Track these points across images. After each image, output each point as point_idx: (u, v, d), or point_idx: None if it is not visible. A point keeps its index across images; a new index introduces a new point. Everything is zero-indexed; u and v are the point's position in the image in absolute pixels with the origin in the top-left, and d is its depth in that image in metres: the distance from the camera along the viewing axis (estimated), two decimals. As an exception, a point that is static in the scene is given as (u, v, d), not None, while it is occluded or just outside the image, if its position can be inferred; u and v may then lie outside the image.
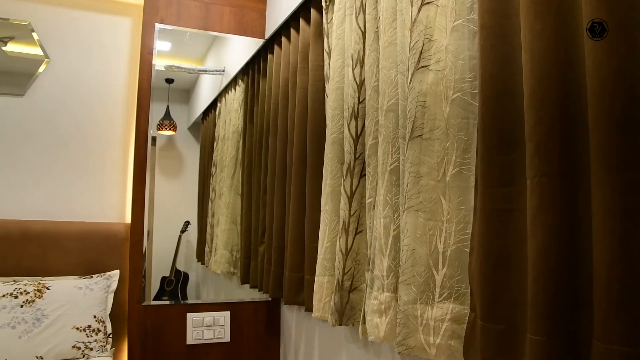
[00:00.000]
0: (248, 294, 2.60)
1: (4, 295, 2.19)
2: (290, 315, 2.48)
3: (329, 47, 1.90)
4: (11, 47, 2.54)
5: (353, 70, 1.66)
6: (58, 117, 2.57)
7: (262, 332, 2.62)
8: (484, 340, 1.03)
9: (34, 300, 2.19)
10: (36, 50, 2.55)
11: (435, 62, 1.26)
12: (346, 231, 1.62)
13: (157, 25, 2.57)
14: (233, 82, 2.71)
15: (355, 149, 1.63)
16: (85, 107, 2.61)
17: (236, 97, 2.70)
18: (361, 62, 1.63)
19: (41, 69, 2.55)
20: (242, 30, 2.73)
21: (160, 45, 2.58)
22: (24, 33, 2.55)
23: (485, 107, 1.06)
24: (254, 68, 2.66)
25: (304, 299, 1.99)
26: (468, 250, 1.16)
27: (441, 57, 1.25)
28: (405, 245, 1.26)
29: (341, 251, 1.62)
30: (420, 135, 1.27)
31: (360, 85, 1.63)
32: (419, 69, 1.27)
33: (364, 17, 1.63)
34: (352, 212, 1.62)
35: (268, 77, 2.49)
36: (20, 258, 2.37)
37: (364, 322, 1.51)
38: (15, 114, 2.52)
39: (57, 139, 2.57)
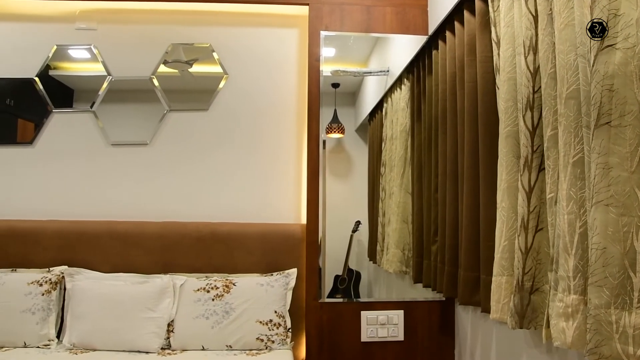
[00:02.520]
0: (421, 293, 2.60)
1: (198, 290, 2.46)
2: (465, 316, 2.43)
3: (497, 36, 1.83)
4: (196, 68, 2.86)
5: (525, 58, 1.58)
6: (237, 127, 2.84)
7: (436, 332, 2.60)
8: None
9: (223, 295, 2.43)
10: (217, 69, 2.84)
11: (623, 40, 1.15)
12: (525, 229, 1.55)
13: (323, 33, 2.69)
14: (398, 82, 2.73)
15: (532, 142, 1.55)
16: (260, 116, 2.85)
17: (402, 96, 2.72)
18: (534, 48, 1.55)
19: (221, 84, 2.83)
20: (405, 28, 2.74)
21: (326, 51, 2.70)
22: (206, 54, 2.85)
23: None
24: (418, 65, 2.66)
25: (480, 300, 1.94)
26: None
27: (630, 32, 1.14)
28: (595, 243, 1.17)
29: (520, 250, 1.56)
30: (607, 123, 1.17)
31: (535, 73, 1.55)
32: (603, 49, 1.17)
33: (535, 1, 1.55)
34: (531, 209, 1.54)
35: (434, 73, 2.47)
36: (211, 256, 2.65)
37: (548, 326, 1.43)
38: (201, 127, 2.84)
39: (238, 148, 2.83)
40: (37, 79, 2.87)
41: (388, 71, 2.76)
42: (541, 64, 1.50)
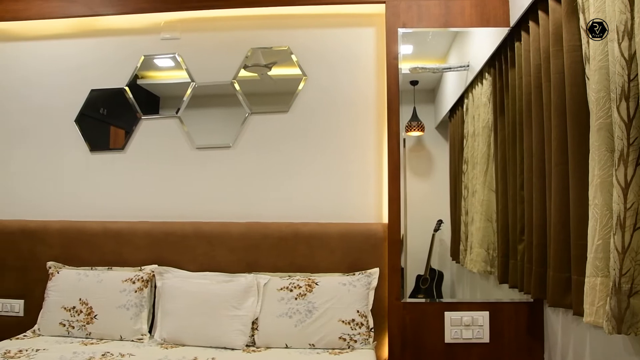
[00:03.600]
0: (507, 294, 2.52)
1: (281, 289, 2.51)
2: (555, 319, 2.33)
3: (586, 23, 1.74)
4: (275, 71, 2.92)
5: (619, 44, 1.49)
6: (317, 127, 2.88)
7: (524, 335, 2.52)
8: None
9: (305, 294, 2.47)
10: (295, 71, 2.89)
11: None
12: (622, 227, 1.46)
13: (400, 30, 2.68)
14: (479, 76, 2.67)
15: (629, 134, 1.47)
16: (340, 116, 2.87)
17: (483, 91, 2.65)
18: (629, 33, 1.46)
19: (300, 86, 2.87)
20: (485, 21, 2.68)
21: (404, 48, 2.68)
22: (284, 57, 2.91)
23: None
24: (500, 59, 2.58)
25: (571, 302, 1.86)
26: None
27: None
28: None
29: (617, 249, 1.47)
30: None
31: (630, 60, 1.46)
32: None
33: (630, -18, 1.46)
34: (628, 206, 1.46)
35: (517, 66, 2.39)
36: (293, 256, 2.70)
37: (651, 331, 1.35)
38: (282, 129, 2.90)
39: (318, 148, 2.87)
40: (127, 88, 3.05)
41: (468, 66, 2.70)
42: (637, 50, 1.41)
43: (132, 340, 2.56)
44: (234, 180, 2.91)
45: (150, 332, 2.63)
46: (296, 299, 2.47)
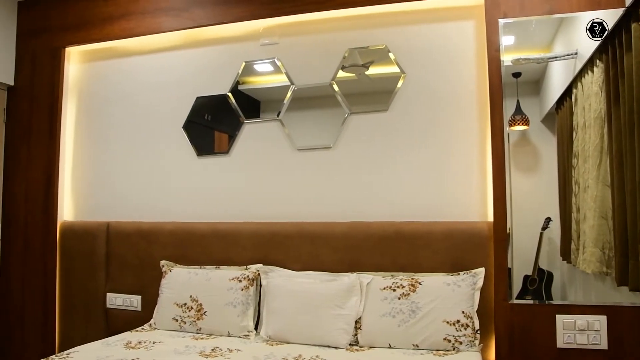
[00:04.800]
0: (627, 297, 2.36)
1: (384, 288, 2.52)
2: (684, 325, 2.15)
3: None
4: (372, 71, 2.93)
5: None
6: (418, 125, 2.85)
7: (648, 343, 2.33)
8: None
9: (409, 294, 2.46)
10: (393, 69, 2.88)
11: None
12: None
13: (501, 21, 2.59)
14: (589, 64, 2.51)
15: None
16: (440, 112, 2.83)
17: (594, 79, 2.50)
18: None
19: (399, 84, 2.86)
20: (595, 3, 2.51)
21: (505, 40, 2.59)
22: (381, 55, 2.91)
23: None
24: (614, 43, 2.41)
25: None
26: None
27: None
28: None
29: None
30: None
31: None
32: None
33: None
34: None
35: (634, 49, 2.22)
36: (396, 255, 2.70)
37: None
38: (382, 128, 2.91)
39: (419, 146, 2.84)
40: (229, 94, 3.19)
41: (576, 54, 2.55)
42: None
43: (239, 337, 2.67)
44: (335, 181, 2.96)
45: (256, 329, 2.73)
46: (399, 298, 2.47)
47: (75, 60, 3.69)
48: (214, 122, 3.29)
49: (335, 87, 2.96)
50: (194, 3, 3.24)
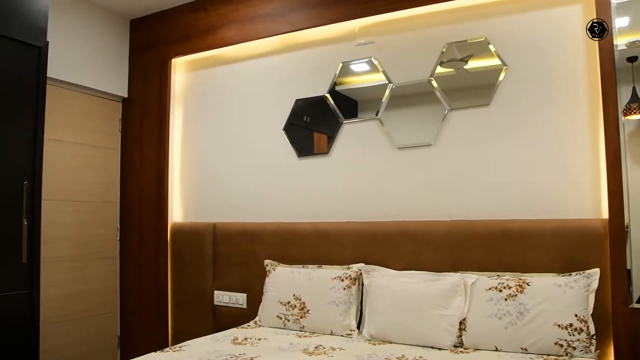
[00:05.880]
0: None
1: (490, 289, 2.44)
2: None
3: None
4: (471, 64, 2.85)
5: None
6: (522, 118, 2.72)
7: None
8: None
9: (516, 295, 2.37)
10: (494, 61, 2.78)
11: None
12: None
13: (614, 1, 2.42)
14: None
15: None
16: (546, 104, 2.68)
17: None
18: None
19: (501, 77, 2.76)
20: None
21: (619, 22, 2.42)
22: (480, 48, 2.82)
23: None
24: None
25: None
26: None
27: None
28: None
29: None
30: None
31: None
32: None
33: None
34: None
35: None
36: (501, 255, 2.61)
37: None
38: (484, 123, 2.81)
39: (523, 140, 2.72)
40: (328, 95, 3.24)
41: (702, 34, 2.34)
42: None
43: (342, 335, 2.70)
44: (436, 178, 2.91)
45: (358, 328, 2.75)
46: (506, 299, 2.38)
47: (181, 70, 3.92)
48: (313, 124, 3.35)
49: (434, 83, 2.91)
50: (290, 8, 3.33)
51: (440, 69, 2.91)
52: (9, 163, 2.67)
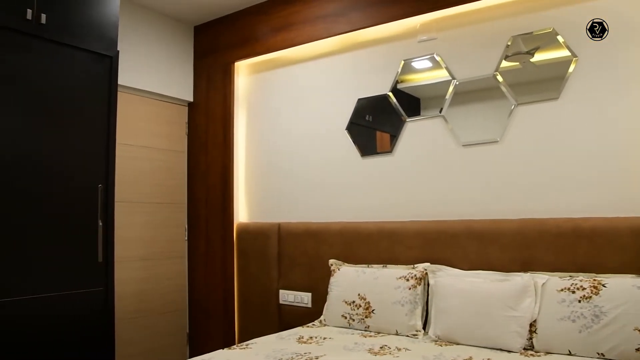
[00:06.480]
0: None
1: (562, 290, 2.35)
2: None
3: None
4: (538, 57, 2.75)
5: None
6: (595, 111, 2.57)
7: None
8: None
9: (590, 297, 2.26)
10: (563, 53, 2.67)
11: None
12: None
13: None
14: None
15: None
16: (622, 95, 2.51)
17: None
18: None
19: (571, 68, 2.65)
20: None
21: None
22: (548, 40, 2.72)
23: None
24: None
25: None
26: None
27: None
28: None
29: None
30: None
31: None
32: None
33: None
34: None
35: None
36: (574, 254, 2.50)
37: None
38: (553, 117, 2.69)
39: (599, 134, 2.57)
40: (390, 94, 3.22)
41: None
42: None
43: (407, 336, 2.68)
44: (503, 176, 2.82)
45: (424, 328, 2.71)
46: (579, 301, 2.28)
47: (244, 73, 4.00)
48: (375, 123, 3.34)
49: (499, 78, 2.83)
50: (350, 7, 3.33)
51: (505, 63, 2.83)
52: (84, 167, 2.82)
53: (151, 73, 3.85)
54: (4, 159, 2.51)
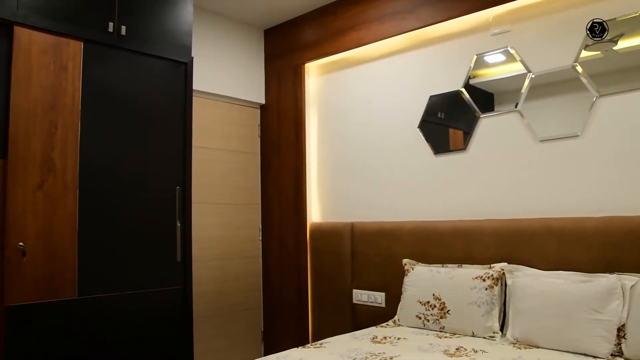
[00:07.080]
0: None
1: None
2: None
3: None
4: (622, 44, 2.59)
5: None
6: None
7: None
8: None
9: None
10: (650, 39, 2.50)
11: None
12: None
13: None
14: None
15: None
16: None
17: None
18: None
19: (659, 56, 2.48)
20: None
21: None
22: (634, 25, 2.55)
23: None
24: None
25: None
26: None
27: None
28: None
29: None
30: None
31: None
32: None
33: None
34: None
35: None
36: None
37: None
38: (637, 109, 2.54)
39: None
40: (463, 90, 3.15)
41: None
42: None
43: (484, 337, 2.61)
44: (585, 172, 2.69)
45: (501, 330, 2.64)
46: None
47: (314, 73, 4.03)
48: (448, 119, 3.27)
49: (579, 69, 2.70)
50: (418, 3, 3.28)
51: (585, 53, 2.69)
52: (163, 170, 2.95)
53: (224, 77, 3.97)
54: (95, 167, 2.68)
